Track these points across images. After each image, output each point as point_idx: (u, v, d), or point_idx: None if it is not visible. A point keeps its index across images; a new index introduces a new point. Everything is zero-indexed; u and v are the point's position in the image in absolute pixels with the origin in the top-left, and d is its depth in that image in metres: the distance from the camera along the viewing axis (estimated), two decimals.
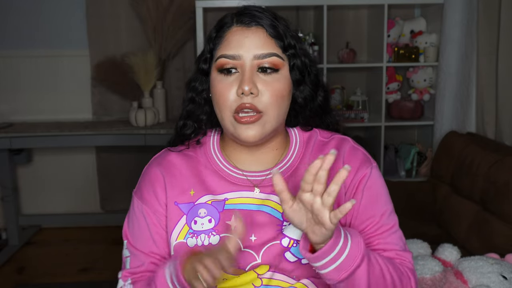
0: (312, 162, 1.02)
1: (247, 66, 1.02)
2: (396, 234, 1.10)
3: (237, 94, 1.02)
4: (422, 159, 3.36)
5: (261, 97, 1.02)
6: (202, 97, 1.12)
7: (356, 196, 1.08)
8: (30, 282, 3.03)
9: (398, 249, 1.08)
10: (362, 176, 1.08)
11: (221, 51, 1.04)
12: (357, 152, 1.11)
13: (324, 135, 1.15)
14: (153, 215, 1.10)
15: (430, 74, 3.33)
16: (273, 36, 1.04)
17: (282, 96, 1.04)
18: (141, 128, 3.30)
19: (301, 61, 1.07)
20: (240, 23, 1.04)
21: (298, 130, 1.16)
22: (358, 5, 3.41)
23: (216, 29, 1.08)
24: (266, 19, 1.04)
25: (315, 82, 1.11)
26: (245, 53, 1.02)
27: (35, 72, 3.64)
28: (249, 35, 1.03)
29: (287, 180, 1.09)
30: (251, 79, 1.02)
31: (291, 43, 1.05)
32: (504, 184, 2.23)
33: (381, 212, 1.08)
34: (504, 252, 1.97)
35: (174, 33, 3.43)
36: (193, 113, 1.13)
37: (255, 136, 1.04)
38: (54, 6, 3.58)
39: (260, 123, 1.03)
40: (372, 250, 1.06)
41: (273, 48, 1.03)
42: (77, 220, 3.77)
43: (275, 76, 1.03)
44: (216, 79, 1.05)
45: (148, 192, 1.11)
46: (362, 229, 1.08)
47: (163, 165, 1.13)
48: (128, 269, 1.12)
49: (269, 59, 1.03)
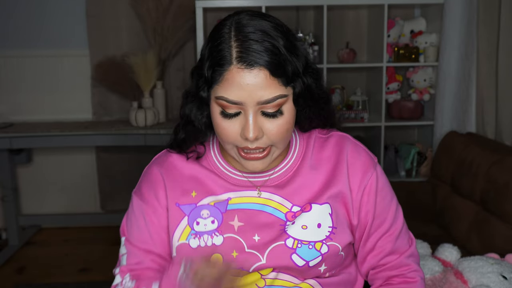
0: (315, 165, 1.05)
1: (250, 112, 0.97)
2: (405, 232, 1.16)
3: (241, 137, 0.99)
4: (422, 159, 3.36)
5: (268, 136, 1.00)
6: (203, 122, 1.08)
7: (365, 199, 1.09)
8: (30, 282, 3.03)
9: (403, 252, 1.14)
10: (369, 179, 1.09)
11: (221, 92, 0.97)
12: (359, 151, 1.12)
13: (321, 131, 1.15)
14: (153, 214, 1.10)
15: (430, 74, 3.33)
16: (276, 75, 0.96)
17: (288, 129, 1.02)
18: (141, 128, 3.29)
19: (304, 83, 1.01)
20: (241, 63, 0.95)
21: (298, 130, 1.15)
22: (358, 5, 3.41)
23: (214, 60, 0.98)
24: (267, 54, 0.95)
25: (317, 99, 1.07)
26: (247, 100, 0.96)
27: (35, 72, 3.64)
28: (251, 79, 0.94)
29: (288, 182, 1.09)
30: (255, 125, 0.97)
31: (295, 72, 0.98)
32: (504, 184, 2.23)
33: (391, 213, 1.12)
34: (504, 252, 1.97)
35: (174, 33, 3.43)
36: (195, 136, 1.11)
37: (263, 169, 1.05)
38: (54, 6, 3.58)
39: (267, 157, 1.03)
40: (377, 252, 1.12)
41: (277, 89, 0.96)
42: (77, 220, 3.77)
43: (279, 115, 0.99)
44: (216, 113, 1.00)
45: (148, 192, 1.11)
46: (374, 230, 1.11)
47: (163, 166, 1.12)
48: (125, 265, 1.11)
49: (273, 103, 0.97)
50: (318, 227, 1.06)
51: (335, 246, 1.06)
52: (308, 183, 1.09)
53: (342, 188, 1.08)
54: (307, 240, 1.05)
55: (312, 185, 1.08)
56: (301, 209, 1.07)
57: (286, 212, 1.07)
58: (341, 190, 1.08)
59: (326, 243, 1.05)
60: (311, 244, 1.05)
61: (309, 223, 1.05)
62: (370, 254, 1.12)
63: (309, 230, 1.05)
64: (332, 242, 1.06)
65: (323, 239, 1.06)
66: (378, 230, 1.11)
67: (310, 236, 1.05)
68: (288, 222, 1.06)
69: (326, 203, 1.07)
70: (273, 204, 1.08)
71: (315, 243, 1.05)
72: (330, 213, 1.07)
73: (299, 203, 1.07)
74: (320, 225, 1.06)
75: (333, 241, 1.06)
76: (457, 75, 3.03)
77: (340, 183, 1.08)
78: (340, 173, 1.09)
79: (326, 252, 1.05)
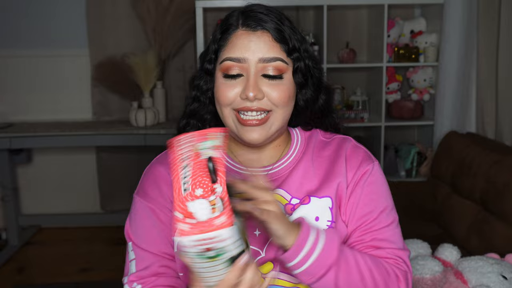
0: (315, 161, 1.03)
1: (252, 70, 1.02)
2: (394, 232, 1.09)
3: (241, 97, 1.02)
4: (422, 159, 3.36)
5: (268, 99, 1.03)
6: (207, 96, 1.11)
7: (356, 191, 1.08)
8: (30, 282, 3.03)
9: (393, 247, 1.07)
10: (363, 172, 1.09)
11: (226, 54, 1.04)
12: (359, 150, 1.12)
13: (325, 135, 1.16)
14: (160, 211, 1.08)
15: (430, 74, 3.33)
16: (278, 41, 1.03)
17: (287, 97, 1.05)
18: (141, 128, 3.30)
19: (304, 64, 1.07)
20: (246, 26, 1.04)
21: (299, 129, 1.16)
22: (358, 5, 3.41)
23: (221, 30, 1.07)
24: (272, 22, 1.03)
25: (317, 85, 1.11)
26: (250, 56, 1.02)
27: (35, 72, 3.65)
28: (254, 39, 1.03)
29: (289, 176, 1.09)
30: (256, 84, 1.02)
31: (295, 46, 1.05)
32: (504, 184, 2.24)
33: (380, 209, 1.08)
34: (504, 252, 1.97)
35: (174, 33, 3.43)
36: (198, 112, 1.13)
37: (259, 139, 1.04)
38: (54, 6, 3.58)
39: (265, 126, 1.04)
40: (364, 246, 1.06)
41: (278, 53, 1.03)
42: (77, 220, 3.78)
43: (280, 81, 1.04)
44: (220, 80, 1.05)
45: (152, 190, 1.10)
46: (359, 224, 1.07)
47: (166, 164, 1.12)
48: (134, 273, 1.06)
49: (274, 63, 1.02)
50: (316, 220, 1.06)
51: None
52: (308, 176, 1.09)
53: (340, 182, 1.08)
54: None
55: (311, 178, 1.09)
56: (300, 201, 1.07)
57: (285, 204, 1.07)
58: (339, 184, 1.08)
59: None
60: None
61: (306, 216, 1.05)
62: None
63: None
64: None
65: None
66: (360, 226, 1.07)
67: None
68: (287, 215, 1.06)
69: (327, 196, 1.07)
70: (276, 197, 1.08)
71: None
72: (331, 207, 1.07)
73: (298, 196, 1.08)
74: (318, 218, 1.06)
75: None
76: (457, 75, 3.03)
77: (339, 176, 1.08)
78: (339, 168, 1.09)
79: None
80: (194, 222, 0.79)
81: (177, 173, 0.82)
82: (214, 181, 0.81)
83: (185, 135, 0.86)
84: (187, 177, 0.82)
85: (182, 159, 0.83)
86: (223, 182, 0.82)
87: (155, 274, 1.06)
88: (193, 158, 0.83)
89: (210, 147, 0.84)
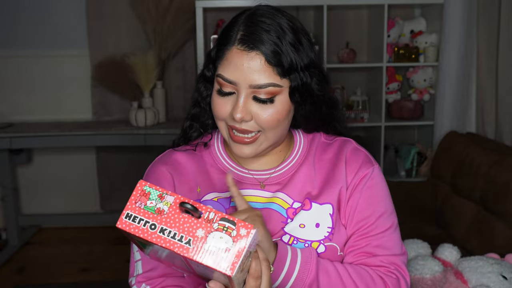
0: (316, 164, 1.04)
1: (242, 93, 1.00)
2: (391, 237, 1.08)
3: (230, 116, 1.02)
4: (422, 159, 3.36)
5: (255, 121, 1.02)
6: (207, 102, 1.11)
7: (354, 195, 1.07)
8: (30, 282, 3.03)
9: (387, 254, 1.06)
10: (362, 176, 1.08)
11: (220, 70, 1.02)
12: (359, 153, 1.12)
13: (327, 137, 1.16)
14: None
15: (430, 74, 3.33)
16: (271, 64, 0.98)
17: (276, 120, 1.02)
18: (141, 128, 3.30)
19: (303, 82, 1.03)
20: (242, 44, 0.99)
21: (302, 132, 1.16)
22: (358, 5, 3.41)
23: (221, 40, 1.04)
24: (268, 43, 0.98)
25: (319, 100, 1.08)
26: (241, 80, 0.99)
27: (35, 72, 3.65)
28: (247, 61, 0.99)
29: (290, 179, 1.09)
30: (244, 106, 1.00)
31: (294, 65, 1.00)
32: (504, 184, 2.24)
33: (378, 213, 1.07)
34: (504, 252, 1.97)
35: (174, 33, 3.43)
36: (199, 118, 1.13)
37: (249, 154, 1.05)
38: (54, 6, 3.58)
39: (255, 144, 1.04)
40: (358, 253, 1.06)
41: (270, 77, 0.99)
42: (77, 220, 3.78)
43: (270, 104, 1.01)
44: (215, 93, 1.04)
45: None
46: (357, 229, 1.07)
47: (169, 164, 1.12)
48: (142, 274, 1.06)
49: (265, 89, 0.99)
50: (317, 226, 1.06)
51: (333, 247, 1.06)
52: (309, 180, 1.09)
53: (342, 188, 1.08)
54: (303, 238, 1.05)
55: (313, 182, 1.09)
56: (301, 205, 1.07)
57: (287, 208, 1.07)
58: (341, 190, 1.08)
59: (324, 244, 1.05)
60: (307, 243, 1.05)
61: (307, 223, 1.05)
62: (348, 255, 1.08)
63: (307, 229, 1.05)
64: (331, 243, 1.06)
65: (321, 239, 1.05)
66: (358, 231, 1.07)
67: (307, 235, 1.05)
68: (289, 220, 1.06)
69: (328, 203, 1.07)
70: (275, 200, 1.08)
71: (312, 242, 1.05)
72: (331, 214, 1.07)
73: (299, 199, 1.08)
74: (319, 225, 1.06)
75: (331, 241, 1.06)
76: (457, 75, 3.03)
77: (340, 182, 1.08)
78: (339, 171, 1.09)
79: (322, 252, 1.05)
80: (227, 253, 0.76)
81: (170, 245, 0.77)
82: (200, 215, 0.78)
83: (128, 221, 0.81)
84: (176, 237, 0.77)
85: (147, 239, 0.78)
86: (205, 208, 0.78)
87: (163, 275, 1.06)
88: (161, 221, 0.78)
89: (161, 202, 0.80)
